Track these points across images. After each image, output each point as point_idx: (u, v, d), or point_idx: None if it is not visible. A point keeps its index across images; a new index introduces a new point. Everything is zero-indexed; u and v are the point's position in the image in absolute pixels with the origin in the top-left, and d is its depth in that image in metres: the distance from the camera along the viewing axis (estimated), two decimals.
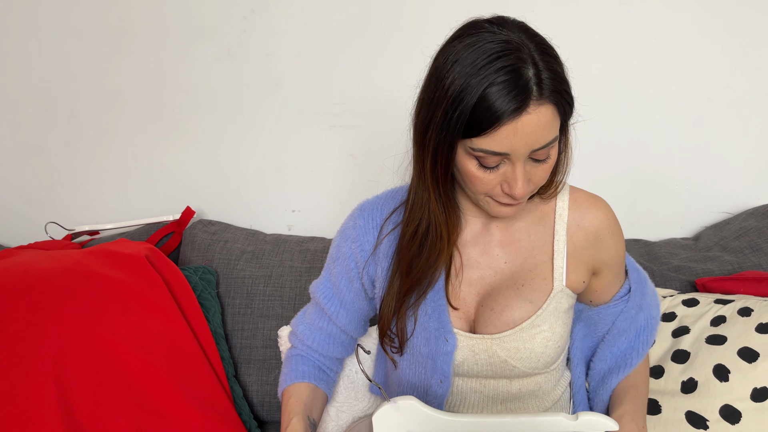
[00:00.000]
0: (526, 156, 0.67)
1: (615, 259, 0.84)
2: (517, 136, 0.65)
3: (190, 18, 1.33)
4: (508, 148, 0.66)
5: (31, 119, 1.41)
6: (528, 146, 0.66)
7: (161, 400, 1.00)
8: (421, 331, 0.81)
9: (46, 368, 0.95)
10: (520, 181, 0.68)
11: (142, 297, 1.06)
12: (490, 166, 0.69)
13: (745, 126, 1.30)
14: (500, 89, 0.63)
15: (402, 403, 0.72)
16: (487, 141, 0.66)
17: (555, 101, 0.66)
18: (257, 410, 1.21)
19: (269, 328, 1.21)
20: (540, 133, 0.66)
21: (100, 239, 1.35)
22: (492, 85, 0.63)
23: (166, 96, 1.38)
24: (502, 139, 0.65)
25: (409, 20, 1.29)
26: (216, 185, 1.43)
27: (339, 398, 1.11)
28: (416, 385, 0.85)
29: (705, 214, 1.35)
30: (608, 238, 0.82)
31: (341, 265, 0.89)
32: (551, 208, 0.83)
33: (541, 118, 0.65)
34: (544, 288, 0.80)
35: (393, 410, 0.72)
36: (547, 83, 0.65)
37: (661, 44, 1.26)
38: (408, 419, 0.72)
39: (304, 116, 1.37)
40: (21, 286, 1.02)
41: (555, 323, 0.79)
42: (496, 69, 0.64)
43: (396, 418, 0.72)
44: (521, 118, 0.64)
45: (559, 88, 0.66)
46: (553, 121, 0.66)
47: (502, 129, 0.65)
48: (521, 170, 0.68)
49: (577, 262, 0.82)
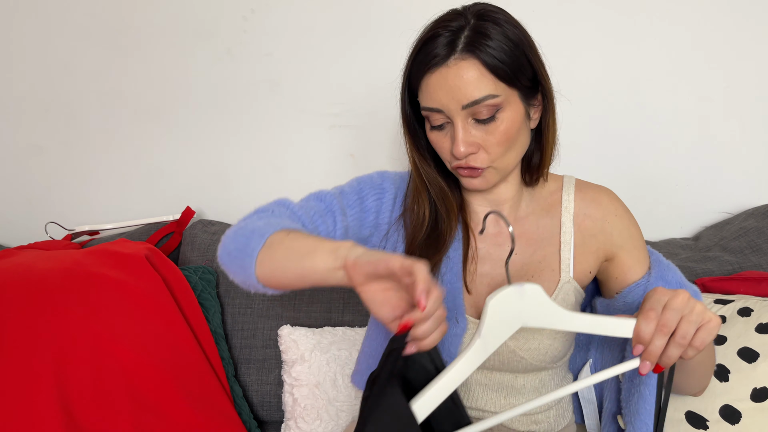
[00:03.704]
0: (463, 114, 0.72)
1: (630, 241, 0.84)
2: (442, 89, 0.72)
3: (190, 18, 1.33)
4: (438, 103, 0.73)
5: (31, 119, 1.41)
6: (456, 100, 0.71)
7: (161, 399, 1.00)
8: None
9: (46, 368, 0.95)
10: (458, 138, 0.73)
11: (142, 297, 1.06)
12: (436, 124, 0.76)
13: (745, 126, 1.29)
14: (427, 47, 0.73)
15: (528, 288, 0.64)
16: (424, 97, 0.74)
17: (478, 57, 0.70)
18: (257, 410, 1.21)
19: (269, 328, 1.21)
20: (465, 87, 0.70)
21: (100, 239, 1.35)
22: (422, 44, 0.74)
23: (166, 96, 1.38)
24: (432, 94, 0.73)
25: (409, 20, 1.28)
26: (216, 185, 1.43)
27: (340, 398, 1.11)
28: None
29: (705, 214, 1.35)
30: (616, 221, 0.84)
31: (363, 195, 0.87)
32: (557, 200, 0.85)
33: (462, 72, 0.70)
34: (551, 279, 0.82)
35: (516, 295, 0.64)
36: (468, 40, 0.71)
37: (661, 44, 1.26)
38: (526, 309, 0.65)
39: (304, 116, 1.37)
40: (21, 286, 1.02)
41: None
42: (427, 31, 0.75)
43: (515, 305, 0.64)
44: (441, 70, 0.71)
45: (481, 44, 0.70)
46: (479, 77, 0.70)
47: (431, 83, 0.73)
48: (459, 127, 0.73)
49: (585, 252, 0.83)
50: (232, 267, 0.74)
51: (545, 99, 0.78)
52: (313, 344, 1.13)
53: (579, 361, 0.94)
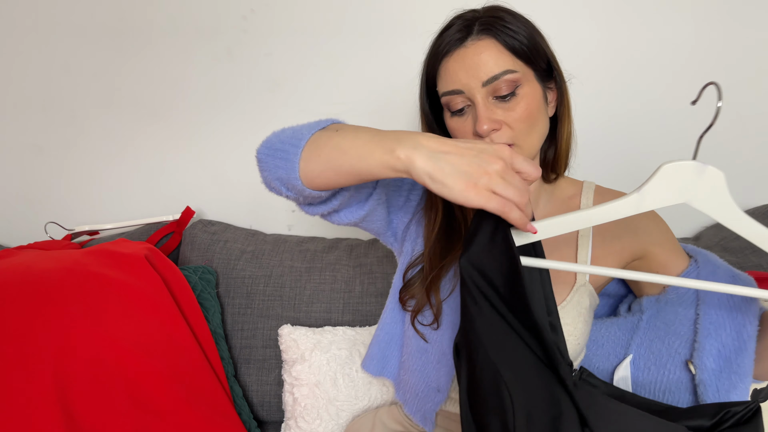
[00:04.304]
0: (483, 92, 0.73)
1: (662, 235, 0.84)
2: (461, 69, 0.73)
3: (190, 18, 1.33)
4: (458, 83, 0.73)
5: (31, 119, 1.41)
6: (476, 78, 0.72)
7: (161, 400, 0.99)
8: (458, 303, 0.82)
9: (46, 368, 0.95)
10: (480, 116, 0.73)
11: (142, 297, 1.06)
12: (457, 109, 0.76)
13: (745, 126, 1.29)
14: (443, 36, 0.76)
15: (711, 170, 0.61)
16: (443, 82, 0.76)
17: (496, 36, 0.72)
18: (257, 410, 1.21)
19: (269, 328, 1.21)
20: (484, 64, 0.72)
21: (99, 239, 1.35)
22: (438, 35, 0.77)
23: (166, 96, 1.38)
24: (451, 76, 0.74)
25: (409, 20, 1.29)
26: (216, 185, 1.43)
27: (339, 397, 1.11)
28: (431, 352, 0.86)
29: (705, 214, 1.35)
30: (641, 219, 0.83)
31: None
32: (576, 205, 0.86)
33: (480, 49, 0.72)
34: (567, 282, 0.82)
35: (694, 170, 0.61)
36: (484, 22, 0.73)
37: (661, 44, 1.26)
38: (699, 189, 0.62)
39: (304, 116, 1.37)
40: (21, 286, 1.01)
41: (577, 319, 0.80)
42: (443, 25, 0.77)
43: (688, 179, 0.61)
44: (459, 51, 0.73)
45: (498, 25, 0.72)
46: (498, 54, 0.72)
47: (449, 66, 0.74)
48: (481, 105, 0.73)
49: (604, 255, 0.83)
50: (272, 161, 0.70)
51: (559, 90, 0.79)
52: (314, 343, 1.13)
53: (614, 359, 0.92)
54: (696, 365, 0.81)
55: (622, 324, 0.88)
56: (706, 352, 0.79)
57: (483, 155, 0.57)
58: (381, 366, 0.95)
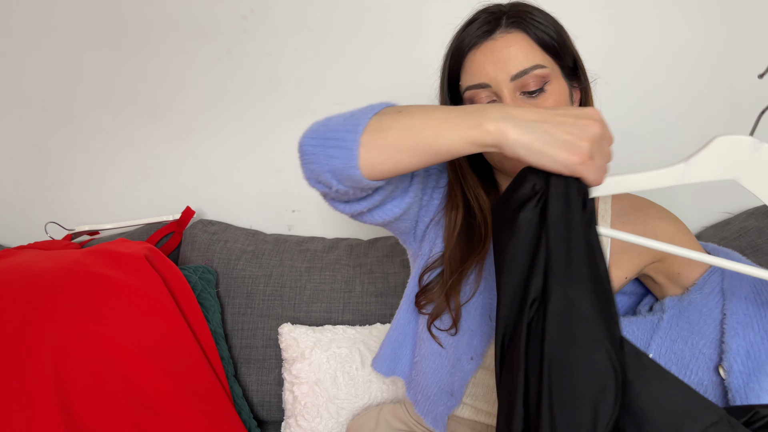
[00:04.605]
0: (511, 86, 0.70)
1: (682, 236, 0.83)
2: (489, 62, 0.70)
3: (190, 18, 1.33)
4: (486, 77, 0.71)
5: (31, 119, 1.41)
6: (504, 71, 0.70)
7: (160, 399, 0.99)
8: (476, 308, 0.81)
9: (46, 368, 0.95)
10: None
11: (142, 297, 1.06)
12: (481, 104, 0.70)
13: (746, 126, 1.29)
14: (470, 28, 0.73)
15: (766, 148, 0.59)
16: (468, 76, 0.73)
17: (525, 30, 0.70)
18: (257, 410, 1.21)
19: (269, 328, 1.21)
20: (514, 58, 0.69)
21: (99, 239, 1.35)
22: (464, 28, 0.74)
23: (165, 96, 1.38)
24: (478, 69, 0.71)
25: (409, 20, 1.29)
26: (216, 185, 1.43)
27: (340, 395, 1.11)
28: (446, 357, 0.85)
29: (705, 214, 1.35)
30: (660, 222, 0.82)
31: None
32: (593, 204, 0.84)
33: (510, 42, 0.70)
34: None
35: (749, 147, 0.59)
36: (512, 15, 0.71)
37: (661, 44, 1.26)
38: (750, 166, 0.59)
39: (304, 116, 1.37)
40: (21, 286, 1.01)
41: None
42: (468, 18, 0.74)
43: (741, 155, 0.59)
44: (488, 44, 0.71)
45: (527, 19, 0.70)
46: (528, 48, 0.70)
47: (476, 58, 0.71)
48: (508, 100, 0.71)
49: (622, 258, 0.82)
50: (323, 151, 0.63)
51: (583, 90, 0.78)
52: (314, 342, 1.13)
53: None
54: (725, 369, 0.79)
55: (641, 323, 0.87)
56: (733, 353, 0.77)
57: (580, 120, 0.54)
58: (392, 366, 0.94)
